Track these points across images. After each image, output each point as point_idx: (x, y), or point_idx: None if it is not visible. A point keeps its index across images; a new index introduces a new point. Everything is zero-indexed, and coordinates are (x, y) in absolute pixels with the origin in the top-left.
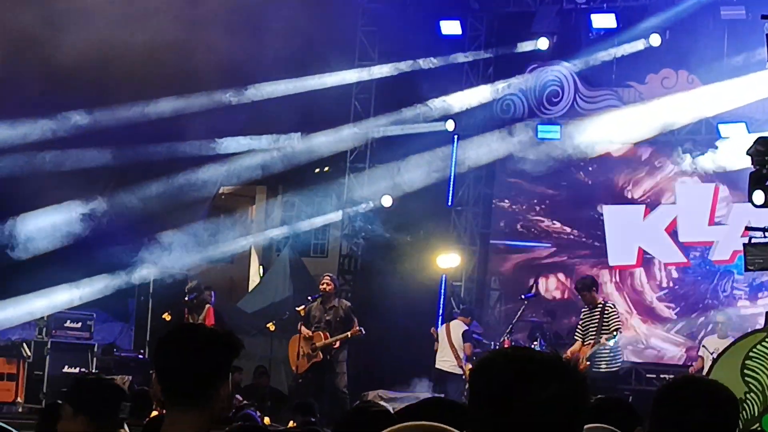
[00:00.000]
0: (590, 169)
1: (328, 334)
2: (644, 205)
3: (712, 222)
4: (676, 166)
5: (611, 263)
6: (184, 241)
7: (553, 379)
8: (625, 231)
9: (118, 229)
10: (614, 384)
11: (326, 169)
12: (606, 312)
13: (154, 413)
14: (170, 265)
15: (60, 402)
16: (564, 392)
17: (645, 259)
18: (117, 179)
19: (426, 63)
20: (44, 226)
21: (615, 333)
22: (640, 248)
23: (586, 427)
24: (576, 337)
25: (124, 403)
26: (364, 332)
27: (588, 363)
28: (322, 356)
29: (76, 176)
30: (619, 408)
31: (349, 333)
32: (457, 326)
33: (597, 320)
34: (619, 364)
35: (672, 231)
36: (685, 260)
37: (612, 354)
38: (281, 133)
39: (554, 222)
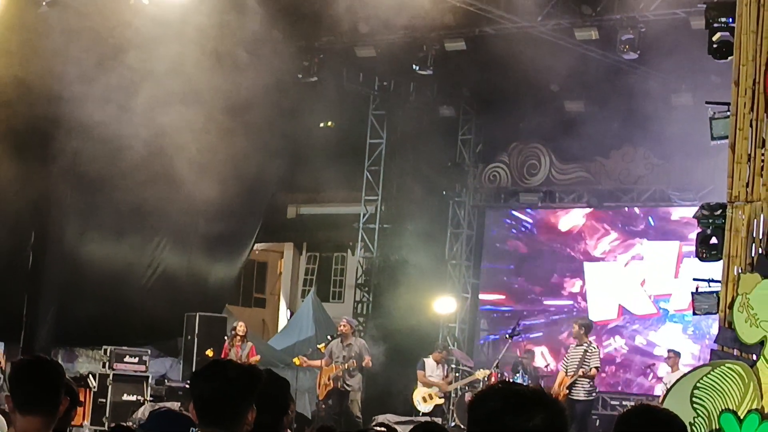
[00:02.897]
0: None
1: (341, 367)
2: (619, 261)
3: (677, 276)
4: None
5: (592, 318)
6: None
7: (538, 411)
8: (605, 287)
9: None
10: (591, 409)
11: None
12: (589, 351)
13: None
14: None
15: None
16: (547, 421)
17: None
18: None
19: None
20: None
21: (594, 370)
22: (619, 305)
23: None
24: (561, 368)
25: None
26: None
27: (568, 391)
28: (334, 385)
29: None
30: None
31: (346, 365)
32: (431, 363)
33: (580, 356)
34: (596, 393)
35: (642, 285)
36: (655, 311)
37: (591, 385)
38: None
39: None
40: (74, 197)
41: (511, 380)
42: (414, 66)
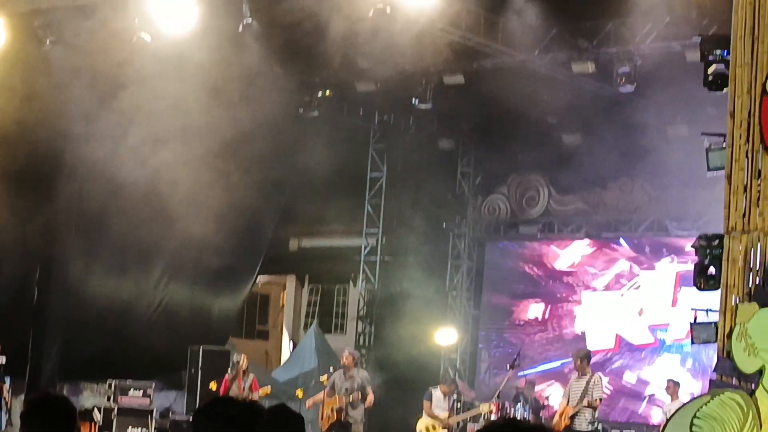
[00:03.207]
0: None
1: (344, 398)
2: (618, 291)
3: (674, 304)
4: (639, 257)
5: (590, 348)
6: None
7: None
8: (602, 317)
9: None
10: None
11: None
12: (592, 382)
13: None
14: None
15: None
16: None
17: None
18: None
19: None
20: None
21: (598, 401)
22: (617, 334)
23: None
24: (563, 398)
25: None
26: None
27: (570, 421)
28: (336, 417)
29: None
30: None
31: (350, 397)
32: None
33: (584, 387)
34: (598, 424)
35: (640, 315)
36: (653, 340)
37: (593, 416)
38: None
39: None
40: (78, 233)
41: (512, 411)
42: (413, 100)
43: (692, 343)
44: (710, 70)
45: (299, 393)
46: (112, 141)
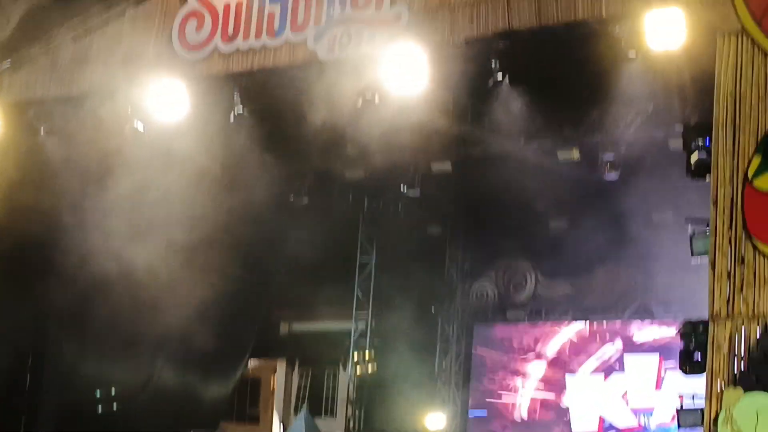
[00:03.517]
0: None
1: None
2: (602, 374)
3: (658, 387)
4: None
5: (575, 430)
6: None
7: None
8: (586, 399)
9: None
10: None
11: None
12: None
13: None
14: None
15: None
16: None
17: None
18: None
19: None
20: None
21: None
22: (600, 417)
23: None
24: None
25: None
26: None
27: None
28: None
29: None
30: None
31: None
32: None
33: None
34: None
35: (624, 397)
36: (636, 425)
37: None
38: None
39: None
40: (70, 320)
41: None
42: (402, 187)
43: (678, 427)
44: (693, 159)
45: None
46: (105, 229)
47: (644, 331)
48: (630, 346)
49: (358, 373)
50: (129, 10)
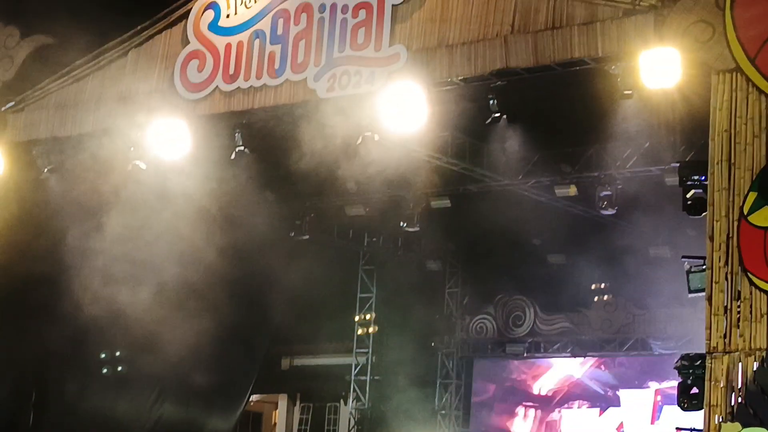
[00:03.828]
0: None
1: None
2: (598, 408)
3: (653, 422)
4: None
5: None
6: None
7: None
8: None
9: None
10: None
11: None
12: None
13: None
14: None
15: None
16: None
17: None
18: None
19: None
20: None
21: None
22: None
23: None
24: None
25: None
26: None
27: None
28: None
29: None
30: None
31: None
32: None
33: None
34: None
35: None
36: None
37: None
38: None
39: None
40: (74, 355)
41: None
42: (401, 223)
43: None
44: (689, 195)
45: None
46: (107, 264)
47: (640, 364)
48: (627, 380)
49: (358, 408)
50: (131, 50)
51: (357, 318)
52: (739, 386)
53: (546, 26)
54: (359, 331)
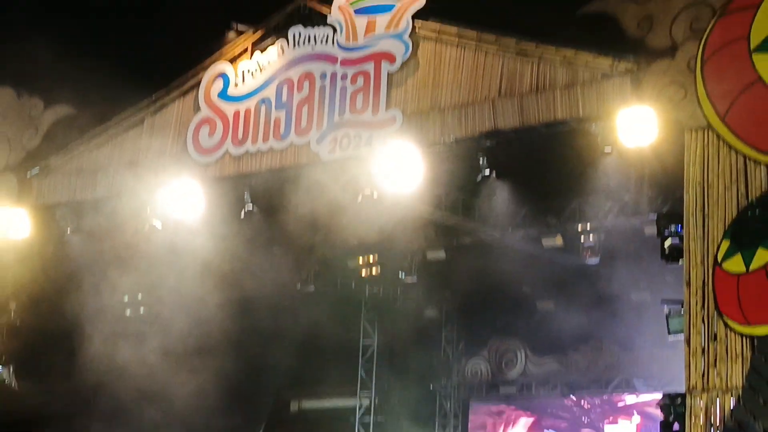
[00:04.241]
0: None
1: None
2: None
3: None
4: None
5: None
6: None
7: None
8: None
9: None
10: None
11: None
12: None
13: None
14: None
15: None
16: None
17: None
18: None
19: None
20: None
21: None
22: None
23: None
24: None
25: None
26: None
27: None
28: None
29: None
30: None
31: None
32: None
33: None
34: None
35: None
36: None
37: None
38: None
39: None
40: (96, 407)
41: None
42: (400, 274)
43: None
44: (666, 244)
45: None
46: (125, 321)
47: (622, 402)
48: (608, 417)
49: None
50: (147, 118)
51: (360, 363)
52: (718, 423)
53: (531, 90)
54: (363, 375)
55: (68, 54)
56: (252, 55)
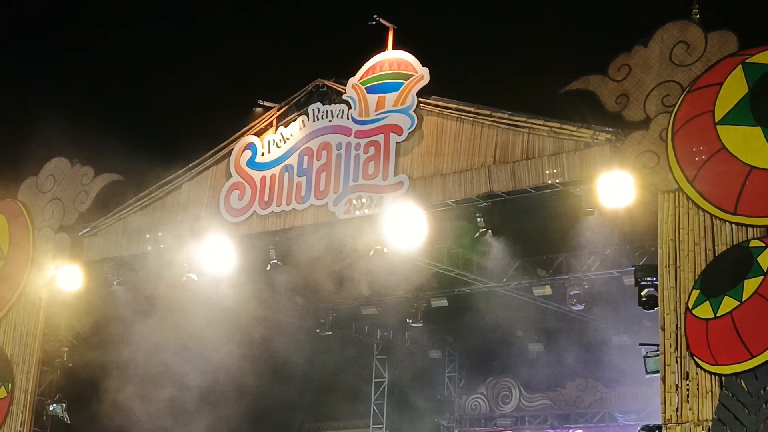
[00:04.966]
0: None
1: None
2: None
3: None
4: None
5: None
6: None
7: None
8: None
9: None
10: None
11: None
12: None
13: None
14: None
15: None
16: None
17: None
18: None
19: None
20: None
21: None
22: None
23: None
24: None
25: None
26: None
27: None
28: None
29: None
30: None
31: None
32: None
33: None
34: None
35: None
36: None
37: None
38: None
39: None
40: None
41: None
42: (408, 320)
43: None
44: (643, 293)
45: None
46: (162, 360)
47: None
48: None
49: None
50: (184, 184)
51: (373, 399)
52: None
53: (522, 158)
54: (375, 410)
55: (117, 127)
56: (277, 128)
